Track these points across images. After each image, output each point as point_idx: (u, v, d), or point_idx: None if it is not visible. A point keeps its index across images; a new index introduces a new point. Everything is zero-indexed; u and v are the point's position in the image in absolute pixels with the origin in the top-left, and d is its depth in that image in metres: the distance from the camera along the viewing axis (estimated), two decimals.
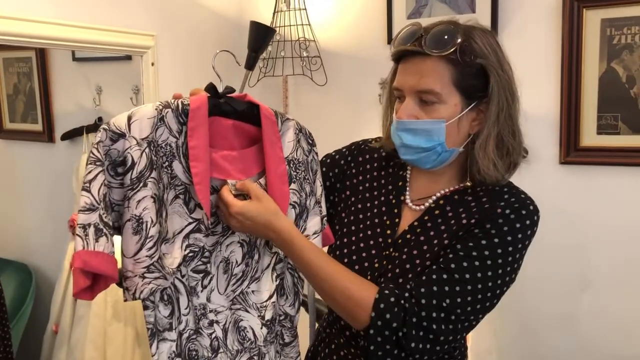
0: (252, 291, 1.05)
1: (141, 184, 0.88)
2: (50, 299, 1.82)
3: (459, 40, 1.00)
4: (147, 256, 0.88)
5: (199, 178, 0.92)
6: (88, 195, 0.86)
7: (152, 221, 0.88)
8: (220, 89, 0.99)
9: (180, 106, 0.93)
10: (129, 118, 0.89)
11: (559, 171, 1.75)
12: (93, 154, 0.87)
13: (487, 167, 1.04)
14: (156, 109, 0.91)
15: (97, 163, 0.87)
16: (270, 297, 1.06)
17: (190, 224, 0.96)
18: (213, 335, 1.01)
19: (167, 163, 0.92)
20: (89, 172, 0.86)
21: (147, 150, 0.89)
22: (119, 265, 0.90)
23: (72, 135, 1.84)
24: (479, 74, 1.03)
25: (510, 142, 1.05)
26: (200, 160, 0.92)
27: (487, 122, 1.04)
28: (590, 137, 1.71)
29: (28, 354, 1.82)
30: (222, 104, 0.98)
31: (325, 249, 1.15)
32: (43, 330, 1.82)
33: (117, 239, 0.90)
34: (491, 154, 1.04)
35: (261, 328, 1.05)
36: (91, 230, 0.85)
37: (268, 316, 1.06)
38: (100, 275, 0.87)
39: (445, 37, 1.01)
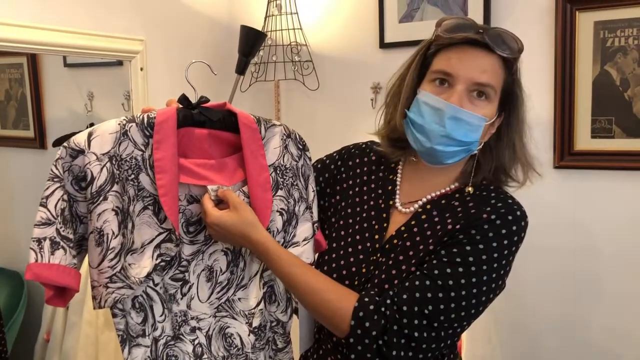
0: (239, 298, 1.06)
1: (101, 198, 0.90)
2: (42, 307, 1.81)
3: (521, 48, 1.02)
4: (109, 267, 0.91)
5: (164, 190, 0.93)
6: (44, 210, 0.89)
7: (113, 233, 0.91)
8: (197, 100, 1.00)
9: (145, 120, 0.95)
10: (90, 135, 0.91)
11: (553, 176, 1.73)
12: (52, 170, 0.90)
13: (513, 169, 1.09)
14: (119, 124, 0.93)
15: (55, 179, 0.90)
16: (258, 304, 1.07)
17: (161, 233, 0.97)
18: (196, 342, 1.03)
19: (132, 176, 0.94)
20: (47, 188, 0.90)
21: (108, 164, 0.91)
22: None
23: (64, 141, 1.77)
24: (516, 85, 1.06)
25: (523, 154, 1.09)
26: (166, 172, 0.94)
27: (507, 130, 1.07)
28: (584, 141, 1.69)
29: None
30: (195, 114, 0.99)
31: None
32: (35, 338, 1.81)
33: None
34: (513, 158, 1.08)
35: (249, 335, 1.06)
36: (46, 244, 0.89)
37: (256, 323, 1.07)
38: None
39: (513, 40, 1.01)
